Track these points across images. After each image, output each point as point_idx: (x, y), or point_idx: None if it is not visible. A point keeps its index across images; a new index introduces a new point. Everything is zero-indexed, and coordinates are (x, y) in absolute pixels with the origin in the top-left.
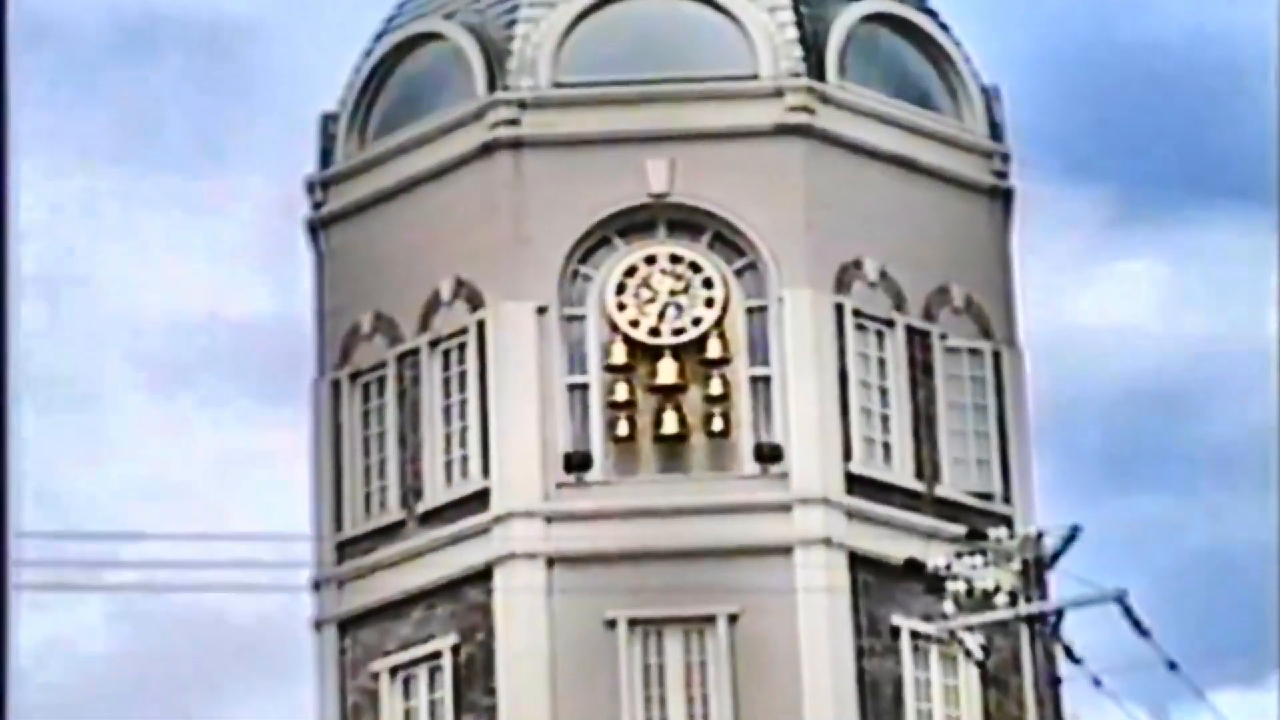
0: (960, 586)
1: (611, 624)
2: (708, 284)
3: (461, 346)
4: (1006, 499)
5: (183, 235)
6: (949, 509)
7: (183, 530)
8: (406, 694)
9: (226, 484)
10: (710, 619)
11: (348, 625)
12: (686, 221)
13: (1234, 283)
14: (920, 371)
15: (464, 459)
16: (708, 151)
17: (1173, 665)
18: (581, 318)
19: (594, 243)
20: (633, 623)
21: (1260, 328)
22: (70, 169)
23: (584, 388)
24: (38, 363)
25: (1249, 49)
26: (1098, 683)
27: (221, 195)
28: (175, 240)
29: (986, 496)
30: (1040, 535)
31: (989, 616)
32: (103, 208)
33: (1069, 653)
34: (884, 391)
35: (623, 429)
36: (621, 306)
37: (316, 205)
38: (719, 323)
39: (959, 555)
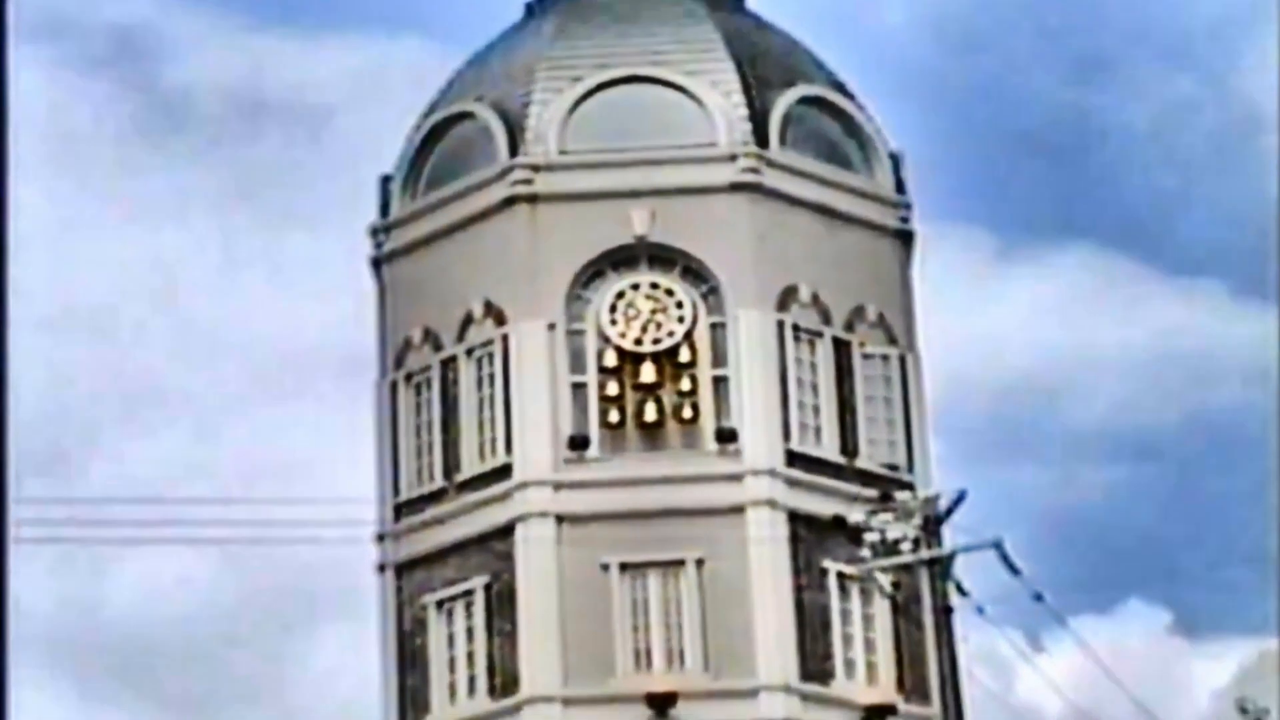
0: (875, 537)
1: (606, 567)
2: (679, 305)
3: (490, 354)
4: (910, 469)
5: (277, 270)
6: (866, 477)
7: (279, 497)
8: (449, 622)
9: (314, 460)
10: (682, 563)
11: (403, 569)
12: (663, 257)
13: (1086, 301)
14: (843, 372)
15: (492, 440)
16: (679, 203)
17: (1039, 597)
18: (582, 331)
19: (591, 274)
20: (623, 566)
21: (1104, 337)
22: (193, 220)
23: (584, 385)
24: (169, 375)
25: (1106, 122)
26: (981, 611)
27: (306, 238)
28: (271, 274)
29: (895, 468)
30: (936, 497)
31: (897, 560)
32: (215, 249)
33: (959, 588)
34: (815, 388)
35: (614, 417)
36: (613, 322)
37: (377, 246)
38: (688, 335)
39: (874, 513)
